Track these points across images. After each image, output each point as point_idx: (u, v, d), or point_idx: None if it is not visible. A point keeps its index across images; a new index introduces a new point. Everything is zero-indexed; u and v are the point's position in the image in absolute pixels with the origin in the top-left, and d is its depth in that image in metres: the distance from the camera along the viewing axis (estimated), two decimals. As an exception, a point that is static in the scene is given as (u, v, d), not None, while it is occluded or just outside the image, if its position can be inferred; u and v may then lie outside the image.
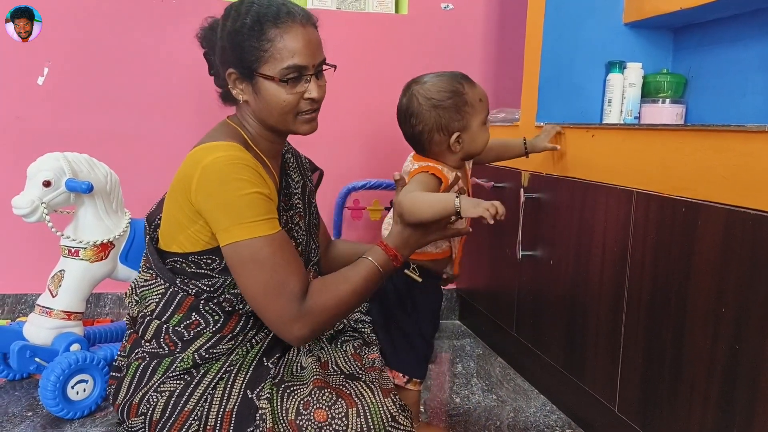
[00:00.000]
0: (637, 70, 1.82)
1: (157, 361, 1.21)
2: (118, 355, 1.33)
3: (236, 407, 1.16)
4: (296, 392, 1.16)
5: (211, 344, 1.22)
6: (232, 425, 1.14)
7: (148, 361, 1.22)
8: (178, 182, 1.18)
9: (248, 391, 1.18)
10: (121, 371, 1.27)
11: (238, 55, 1.18)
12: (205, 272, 1.21)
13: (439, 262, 1.34)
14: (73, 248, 1.58)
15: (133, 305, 1.31)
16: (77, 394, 1.50)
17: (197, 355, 1.21)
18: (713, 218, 1.12)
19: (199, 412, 1.16)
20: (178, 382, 1.19)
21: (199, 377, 1.20)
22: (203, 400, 1.17)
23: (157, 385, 1.19)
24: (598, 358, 1.48)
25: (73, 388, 1.49)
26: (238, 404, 1.16)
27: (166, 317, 1.23)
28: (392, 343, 1.35)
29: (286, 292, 1.12)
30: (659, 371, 1.27)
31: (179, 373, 1.20)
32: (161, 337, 1.23)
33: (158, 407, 1.17)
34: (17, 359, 1.51)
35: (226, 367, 1.22)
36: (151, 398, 1.18)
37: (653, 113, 1.80)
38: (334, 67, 1.24)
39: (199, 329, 1.22)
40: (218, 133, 1.22)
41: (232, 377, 1.21)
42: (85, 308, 1.62)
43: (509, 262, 1.89)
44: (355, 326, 1.42)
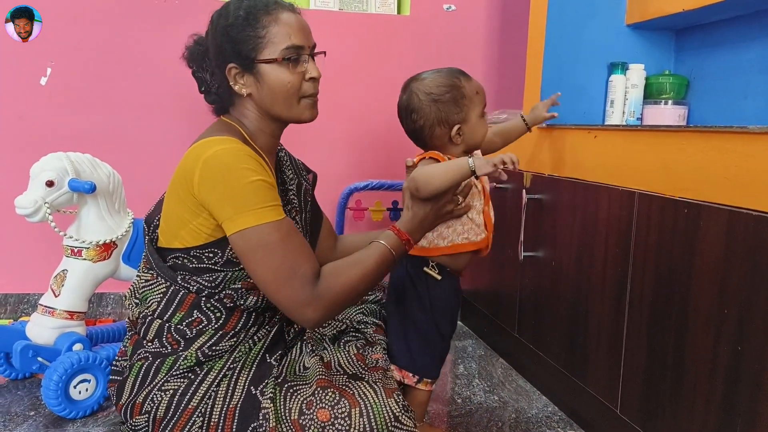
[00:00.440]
0: (639, 71, 1.82)
1: (160, 360, 1.21)
2: (117, 358, 1.33)
3: (240, 404, 1.16)
4: (299, 392, 1.16)
5: (213, 341, 1.22)
6: (235, 421, 1.15)
7: (151, 360, 1.22)
8: (178, 178, 1.19)
9: (252, 387, 1.18)
10: (121, 374, 1.28)
11: (236, 48, 1.20)
12: (207, 266, 1.21)
13: (458, 258, 1.35)
14: (75, 248, 1.59)
15: (133, 307, 1.31)
16: (79, 393, 1.50)
17: (200, 352, 1.21)
18: (715, 219, 1.12)
19: (202, 409, 1.17)
20: (181, 380, 1.19)
21: (202, 375, 1.20)
22: (207, 397, 1.18)
23: (161, 383, 1.19)
24: (600, 359, 1.48)
25: (75, 387, 1.50)
26: (241, 401, 1.17)
27: (167, 316, 1.23)
28: (407, 342, 1.36)
29: (298, 275, 1.13)
30: (661, 372, 1.27)
31: (183, 371, 1.20)
32: (163, 336, 1.23)
33: (162, 405, 1.17)
34: (20, 359, 1.51)
35: (229, 364, 1.22)
36: (155, 397, 1.18)
37: (655, 114, 1.80)
38: (323, 53, 1.28)
39: (201, 327, 1.22)
40: (215, 130, 1.23)
41: (235, 374, 1.21)
42: (87, 308, 1.62)
43: (511, 262, 1.89)
44: (357, 327, 1.42)
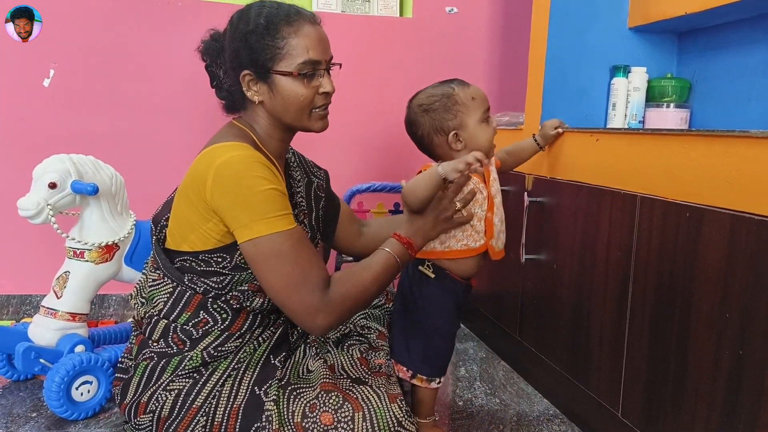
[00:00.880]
0: (641, 74, 1.82)
1: (165, 360, 1.22)
2: (123, 356, 1.34)
3: (243, 404, 1.17)
4: (303, 395, 1.17)
5: (219, 342, 1.23)
6: (238, 421, 1.15)
7: (156, 360, 1.22)
8: (189, 183, 1.19)
9: (256, 387, 1.19)
10: (126, 372, 1.28)
11: (253, 56, 1.20)
12: (215, 270, 1.22)
13: (460, 263, 1.36)
14: (78, 250, 1.59)
15: (139, 307, 1.32)
16: (81, 395, 1.51)
17: (205, 353, 1.21)
18: (718, 223, 1.12)
19: (206, 408, 1.17)
20: (186, 380, 1.20)
21: (207, 375, 1.21)
22: (211, 396, 1.18)
23: (166, 383, 1.20)
24: (601, 362, 1.48)
25: (77, 389, 1.50)
26: (245, 401, 1.17)
27: (174, 316, 1.23)
28: (404, 337, 1.38)
29: (308, 283, 1.14)
30: (663, 376, 1.26)
31: (188, 371, 1.20)
32: (169, 336, 1.23)
33: (167, 405, 1.18)
34: (22, 360, 1.51)
35: (234, 364, 1.23)
36: (159, 396, 1.19)
37: (657, 118, 1.80)
38: (339, 65, 1.28)
39: (207, 327, 1.23)
40: (226, 134, 1.24)
41: (239, 374, 1.21)
42: (89, 310, 1.63)
43: (513, 265, 1.89)
44: (361, 331, 1.42)
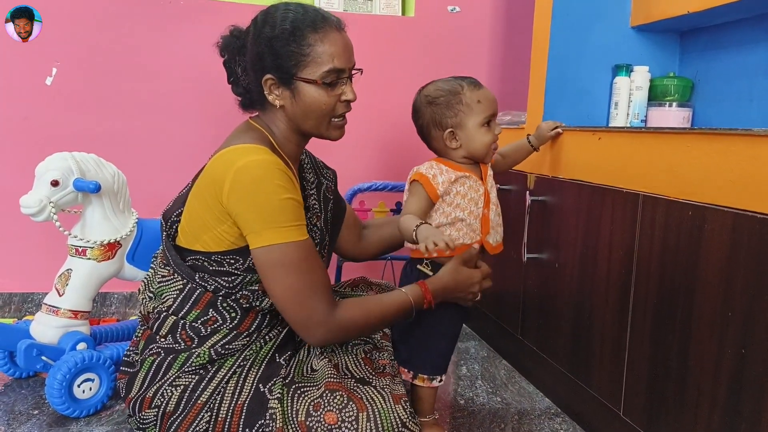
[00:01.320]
0: (643, 73, 1.82)
1: (172, 356, 1.22)
2: (129, 350, 1.34)
3: (248, 401, 1.17)
4: (307, 393, 1.17)
5: (227, 340, 1.23)
6: (242, 418, 1.15)
7: (163, 356, 1.22)
8: (205, 183, 1.19)
9: (260, 385, 1.19)
10: (132, 366, 1.28)
11: (276, 61, 1.19)
12: (227, 270, 1.22)
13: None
14: (80, 247, 1.59)
15: (146, 301, 1.32)
16: (83, 392, 1.51)
17: (213, 350, 1.21)
18: (720, 222, 1.12)
19: (211, 404, 1.17)
20: (192, 376, 1.20)
21: (213, 371, 1.21)
22: (216, 392, 1.19)
23: (172, 379, 1.20)
24: (603, 361, 1.47)
25: (79, 386, 1.50)
26: (249, 398, 1.17)
27: (183, 313, 1.23)
28: (405, 338, 1.39)
29: (315, 297, 1.16)
30: (665, 375, 1.26)
31: (195, 368, 1.21)
32: (177, 332, 1.23)
33: (172, 400, 1.18)
34: (24, 357, 1.51)
35: (239, 361, 1.23)
36: (165, 392, 1.19)
37: (660, 117, 1.79)
38: (360, 70, 1.28)
39: (216, 325, 1.23)
40: (245, 135, 1.23)
41: (245, 372, 1.22)
42: (91, 307, 1.63)
43: (515, 264, 1.89)
44: None
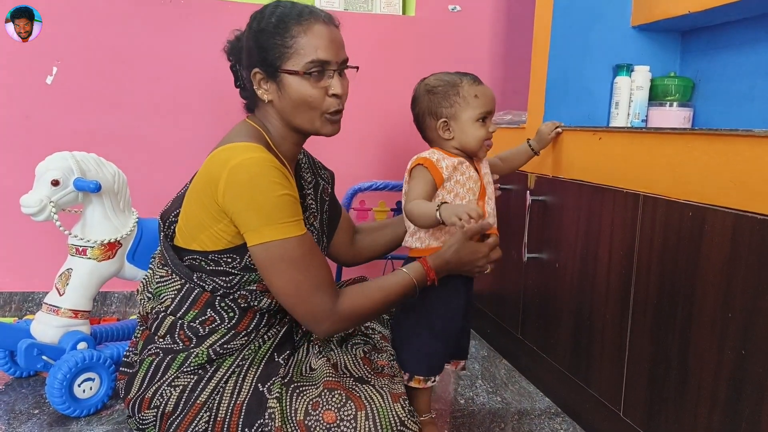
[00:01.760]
0: (644, 73, 1.81)
1: (171, 356, 1.22)
2: (128, 350, 1.34)
3: (247, 400, 1.17)
4: (305, 392, 1.17)
5: (225, 340, 1.23)
6: (241, 417, 1.15)
7: (161, 356, 1.22)
8: (201, 182, 1.19)
9: (259, 384, 1.19)
10: (131, 367, 1.28)
11: (262, 54, 1.20)
12: (224, 270, 1.22)
13: None
14: (80, 247, 1.59)
15: (145, 302, 1.32)
16: (84, 392, 1.51)
17: (211, 350, 1.22)
18: (720, 222, 1.12)
19: (210, 404, 1.17)
20: (191, 376, 1.20)
21: (212, 371, 1.21)
22: (215, 392, 1.19)
23: (171, 379, 1.20)
24: (603, 361, 1.47)
25: (79, 386, 1.50)
26: (248, 398, 1.17)
27: (181, 313, 1.24)
28: (401, 340, 1.38)
29: (318, 291, 1.15)
30: (665, 375, 1.26)
31: (193, 368, 1.21)
32: (175, 332, 1.23)
33: (171, 401, 1.18)
34: (24, 357, 1.51)
35: (238, 361, 1.23)
36: (164, 392, 1.19)
37: (660, 116, 1.79)
38: (356, 68, 1.27)
39: (214, 325, 1.23)
40: (240, 134, 1.23)
41: (243, 371, 1.22)
42: (92, 307, 1.63)
43: (515, 264, 1.89)
44: (365, 332, 1.42)
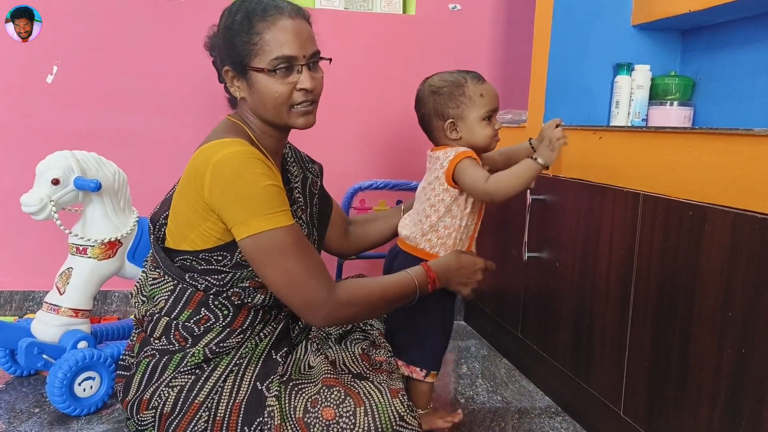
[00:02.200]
0: (645, 72, 1.81)
1: (167, 357, 1.22)
2: (124, 354, 1.34)
3: (246, 399, 1.17)
4: (304, 390, 1.17)
5: (221, 338, 1.23)
6: (241, 416, 1.15)
7: (158, 358, 1.23)
8: (187, 181, 1.19)
9: (258, 383, 1.19)
10: (128, 370, 1.28)
11: (230, 52, 1.20)
12: (216, 268, 1.22)
13: None
14: (81, 246, 1.59)
15: (140, 305, 1.32)
16: (84, 391, 1.51)
17: (207, 349, 1.22)
18: (720, 221, 1.12)
19: (209, 404, 1.17)
20: (188, 376, 1.20)
21: (209, 371, 1.21)
22: (213, 392, 1.19)
23: (168, 380, 1.20)
24: (603, 360, 1.48)
25: (80, 385, 1.50)
26: (247, 396, 1.17)
27: (175, 314, 1.24)
28: (411, 337, 1.40)
29: (312, 278, 1.14)
30: (665, 374, 1.26)
31: (190, 368, 1.21)
32: (171, 333, 1.23)
33: (169, 401, 1.18)
34: (25, 356, 1.51)
35: (236, 360, 1.23)
36: (162, 393, 1.19)
37: (661, 116, 1.79)
38: (329, 60, 1.25)
39: (208, 324, 1.23)
40: (223, 131, 1.23)
41: (241, 370, 1.22)
42: (92, 306, 1.63)
43: (515, 263, 1.89)
44: (363, 328, 1.43)
